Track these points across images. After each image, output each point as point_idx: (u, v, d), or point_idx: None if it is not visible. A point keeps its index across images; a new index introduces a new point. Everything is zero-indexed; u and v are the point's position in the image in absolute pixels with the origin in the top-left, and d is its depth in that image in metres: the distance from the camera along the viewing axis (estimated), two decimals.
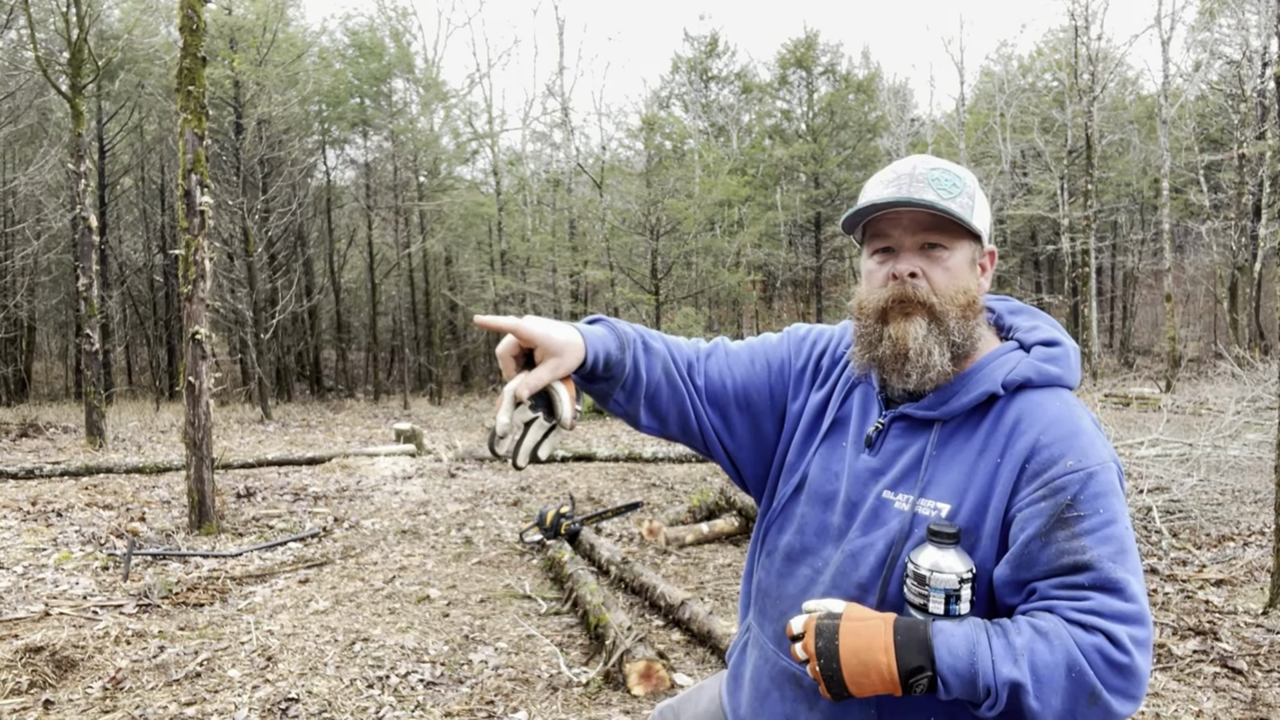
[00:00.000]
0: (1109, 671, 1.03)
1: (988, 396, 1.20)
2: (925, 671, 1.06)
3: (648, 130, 25.47)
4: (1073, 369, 1.24)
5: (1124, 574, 1.07)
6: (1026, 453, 1.14)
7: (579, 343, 1.22)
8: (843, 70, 31.13)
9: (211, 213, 6.29)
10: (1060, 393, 1.21)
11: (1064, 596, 1.08)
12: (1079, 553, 1.07)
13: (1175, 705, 3.16)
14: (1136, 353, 24.92)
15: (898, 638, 1.08)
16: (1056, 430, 1.14)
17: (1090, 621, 1.05)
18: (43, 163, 15.80)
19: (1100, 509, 1.09)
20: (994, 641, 1.07)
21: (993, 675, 1.04)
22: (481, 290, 25.81)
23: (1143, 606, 1.06)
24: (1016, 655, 1.04)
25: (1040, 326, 1.29)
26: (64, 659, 3.55)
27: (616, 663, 3.43)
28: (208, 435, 6.10)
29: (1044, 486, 1.12)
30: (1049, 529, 1.10)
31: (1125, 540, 1.09)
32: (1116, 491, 1.12)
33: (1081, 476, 1.10)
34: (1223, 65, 22.23)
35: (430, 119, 24.32)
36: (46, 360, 25.09)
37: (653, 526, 5.72)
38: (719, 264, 23.92)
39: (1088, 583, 1.07)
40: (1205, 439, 6.99)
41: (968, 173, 1.28)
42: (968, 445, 1.20)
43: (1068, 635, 1.05)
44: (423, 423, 13.99)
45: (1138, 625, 1.05)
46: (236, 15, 18.50)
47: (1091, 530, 1.08)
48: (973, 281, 1.25)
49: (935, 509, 1.17)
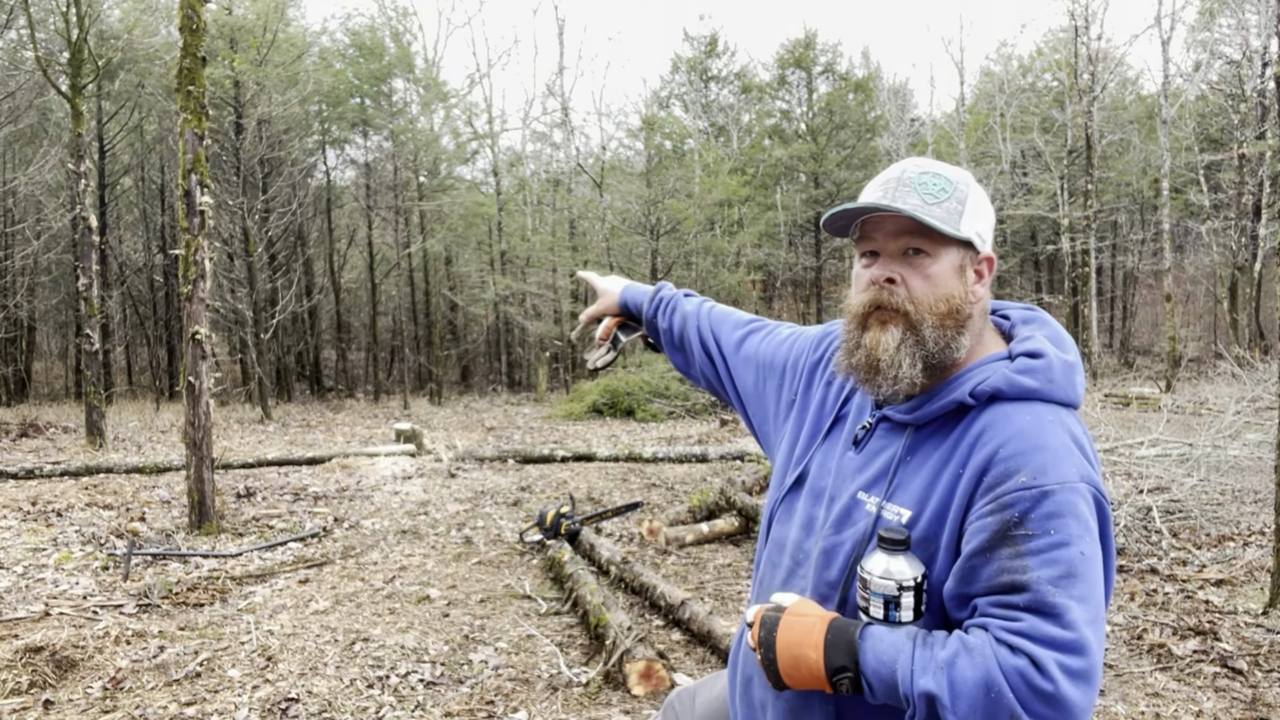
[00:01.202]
0: (1031, 697, 0.99)
1: (957, 405, 1.19)
2: (848, 672, 1.09)
3: (648, 130, 25.47)
4: (1056, 383, 1.17)
5: (1064, 599, 1.02)
6: (984, 465, 1.11)
7: (615, 293, 1.85)
8: (842, 70, 31.13)
9: (211, 213, 6.29)
10: (1035, 406, 1.15)
11: (997, 615, 1.05)
12: (1019, 572, 1.04)
13: (1175, 705, 3.16)
14: (1136, 353, 24.92)
15: (829, 636, 1.12)
16: (1016, 444, 1.10)
17: (1017, 643, 1.02)
18: (43, 163, 15.80)
19: (1052, 530, 1.05)
20: (918, 652, 1.07)
21: (910, 684, 1.05)
22: (481, 290, 25.82)
23: (1081, 635, 1.01)
24: (937, 668, 1.04)
25: (1033, 337, 1.23)
26: (64, 659, 3.55)
27: (616, 663, 3.43)
28: (208, 435, 6.10)
29: (994, 501, 1.09)
30: (993, 545, 1.07)
31: (1075, 565, 1.04)
32: (1077, 514, 1.06)
33: (1034, 494, 1.06)
34: (1223, 65, 22.24)
35: (430, 119, 24.32)
36: (46, 360, 25.09)
37: (653, 526, 5.72)
38: (719, 264, 23.92)
39: (1022, 604, 1.03)
40: (1205, 439, 6.99)
41: (963, 176, 1.25)
42: (936, 453, 1.19)
43: (992, 654, 1.02)
44: (423, 423, 13.99)
45: (1071, 654, 1.00)
46: (236, 15, 18.50)
47: (1037, 551, 1.04)
48: (958, 288, 1.21)
49: (898, 514, 1.18)
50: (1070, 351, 1.22)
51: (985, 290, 1.26)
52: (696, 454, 9.38)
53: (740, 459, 9.22)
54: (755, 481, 7.32)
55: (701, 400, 15.35)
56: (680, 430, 12.70)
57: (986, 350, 1.25)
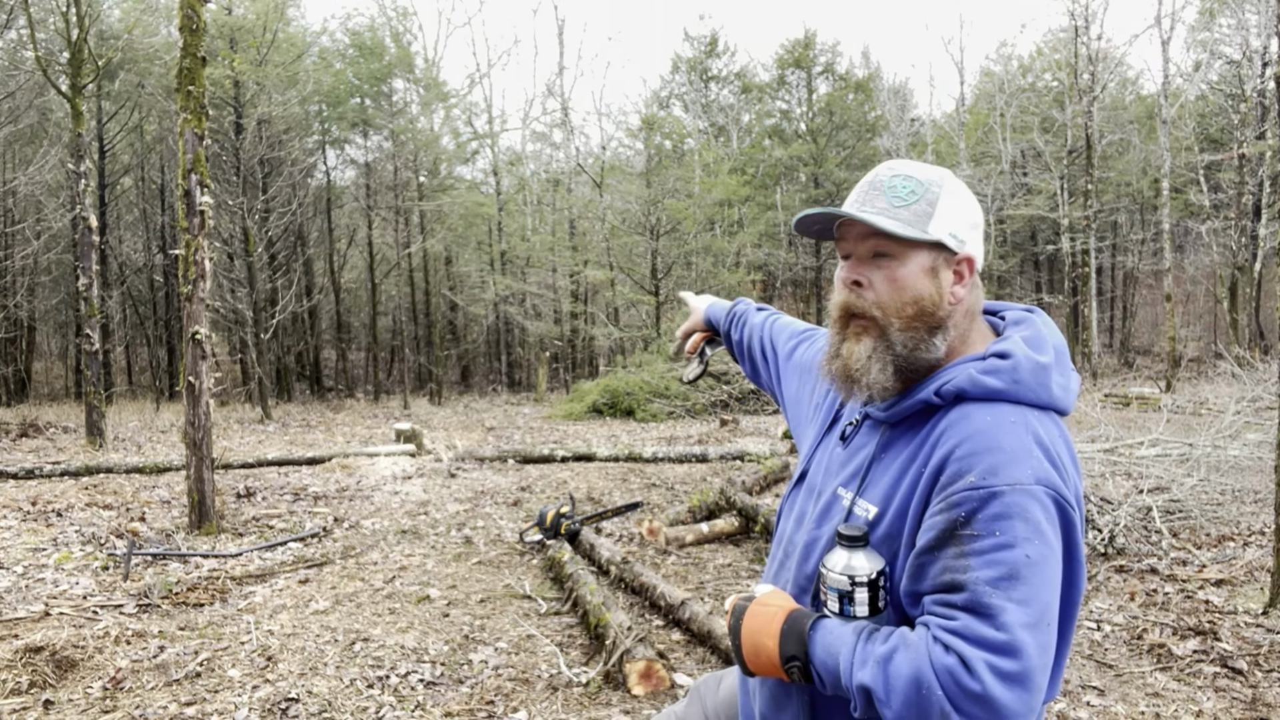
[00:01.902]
0: (960, 695, 0.99)
1: (924, 405, 1.19)
2: (797, 660, 1.14)
3: (648, 130, 25.47)
4: (1022, 384, 1.15)
5: (1000, 601, 1.02)
6: (940, 465, 1.12)
7: (701, 309, 2.05)
8: (841, 70, 31.15)
9: (211, 213, 6.29)
10: (998, 407, 1.14)
11: (937, 613, 1.06)
12: (960, 571, 1.05)
13: (1175, 705, 3.16)
14: (1136, 353, 24.92)
15: (784, 627, 1.17)
16: (971, 445, 1.10)
17: (950, 642, 1.02)
18: (43, 163, 15.80)
19: (998, 531, 1.04)
20: (860, 645, 1.09)
21: (850, 676, 1.08)
22: (481, 290, 25.82)
23: (1015, 638, 1.00)
24: (874, 662, 1.06)
25: (1009, 338, 1.22)
26: (64, 659, 3.55)
27: (616, 663, 3.43)
28: (208, 435, 6.10)
29: (944, 500, 1.09)
30: (939, 544, 1.08)
31: (1018, 567, 1.03)
32: (1026, 517, 1.05)
33: (981, 495, 1.06)
34: (1223, 65, 22.23)
35: (430, 119, 24.32)
36: (46, 360, 25.09)
37: (653, 526, 5.72)
38: (719, 264, 23.92)
39: (960, 603, 1.04)
40: (1205, 439, 6.99)
41: (937, 176, 1.24)
42: (905, 451, 1.20)
43: (925, 651, 1.03)
44: (423, 423, 13.99)
45: (1002, 656, 1.00)
46: (236, 15, 18.50)
47: (980, 552, 1.04)
48: (927, 290, 1.21)
49: (867, 510, 1.20)
50: (1045, 353, 1.20)
51: (967, 291, 1.24)
52: (696, 454, 9.38)
53: (740, 459, 9.22)
54: (755, 481, 7.31)
55: (701, 400, 15.36)
56: (680, 430, 12.70)
57: (970, 350, 1.25)
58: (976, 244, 1.26)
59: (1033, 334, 1.23)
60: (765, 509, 5.77)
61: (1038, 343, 1.21)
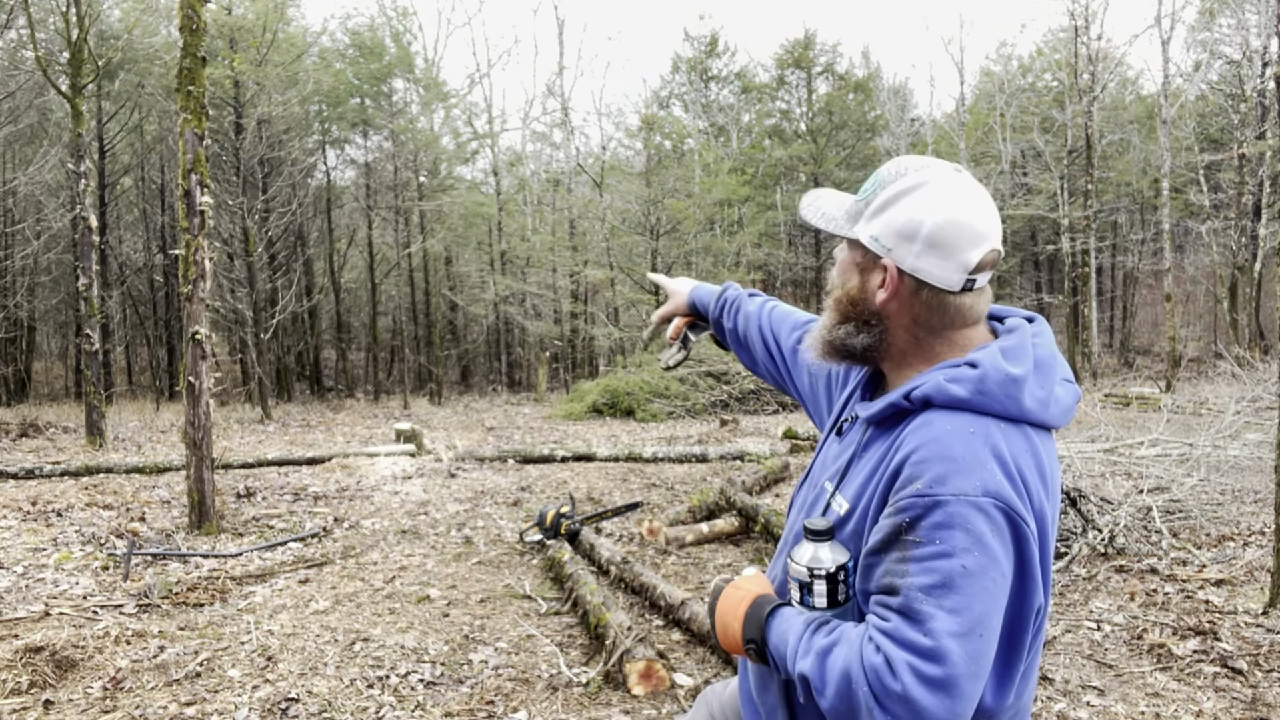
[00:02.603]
0: (883, 694, 1.02)
1: (895, 408, 1.20)
2: (754, 643, 1.21)
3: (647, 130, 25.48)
4: (988, 394, 1.12)
5: (931, 608, 1.03)
6: (897, 469, 1.13)
7: (683, 293, 1.90)
8: (841, 70, 31.15)
9: (211, 213, 6.29)
10: (959, 416, 1.12)
11: (875, 613, 1.09)
12: (899, 576, 1.07)
13: (1175, 705, 3.16)
14: (1136, 353, 24.93)
15: (749, 610, 1.24)
16: (924, 452, 1.10)
17: (880, 642, 1.05)
18: (43, 163, 15.80)
19: (937, 540, 1.05)
20: (805, 636, 1.14)
21: (793, 664, 1.14)
22: (481, 290, 25.82)
23: (940, 645, 1.01)
24: (815, 654, 1.10)
25: (987, 347, 1.19)
26: (64, 659, 3.55)
27: (616, 663, 3.43)
28: (208, 435, 6.10)
29: (893, 505, 1.10)
30: (883, 547, 1.10)
31: (953, 577, 1.03)
32: (966, 527, 1.04)
33: (926, 503, 1.06)
34: (1223, 65, 22.24)
35: (430, 119, 24.33)
36: (46, 360, 25.09)
37: (653, 526, 5.72)
38: (719, 264, 23.93)
39: (895, 605, 1.06)
40: (1205, 439, 7.00)
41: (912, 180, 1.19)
42: (878, 452, 1.21)
43: (858, 648, 1.06)
44: (423, 423, 13.99)
45: (926, 660, 1.01)
46: (236, 15, 18.50)
47: (919, 559, 1.05)
48: (852, 282, 1.25)
49: (841, 505, 1.23)
50: (1020, 365, 1.15)
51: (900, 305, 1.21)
52: (696, 454, 9.38)
53: (740, 459, 9.22)
54: (755, 481, 7.31)
55: (701, 400, 15.35)
56: (680, 430, 12.70)
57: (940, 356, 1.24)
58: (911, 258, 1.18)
59: (1015, 344, 1.19)
60: (765, 509, 5.77)
61: (1016, 354, 1.17)
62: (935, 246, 1.17)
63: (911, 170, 1.20)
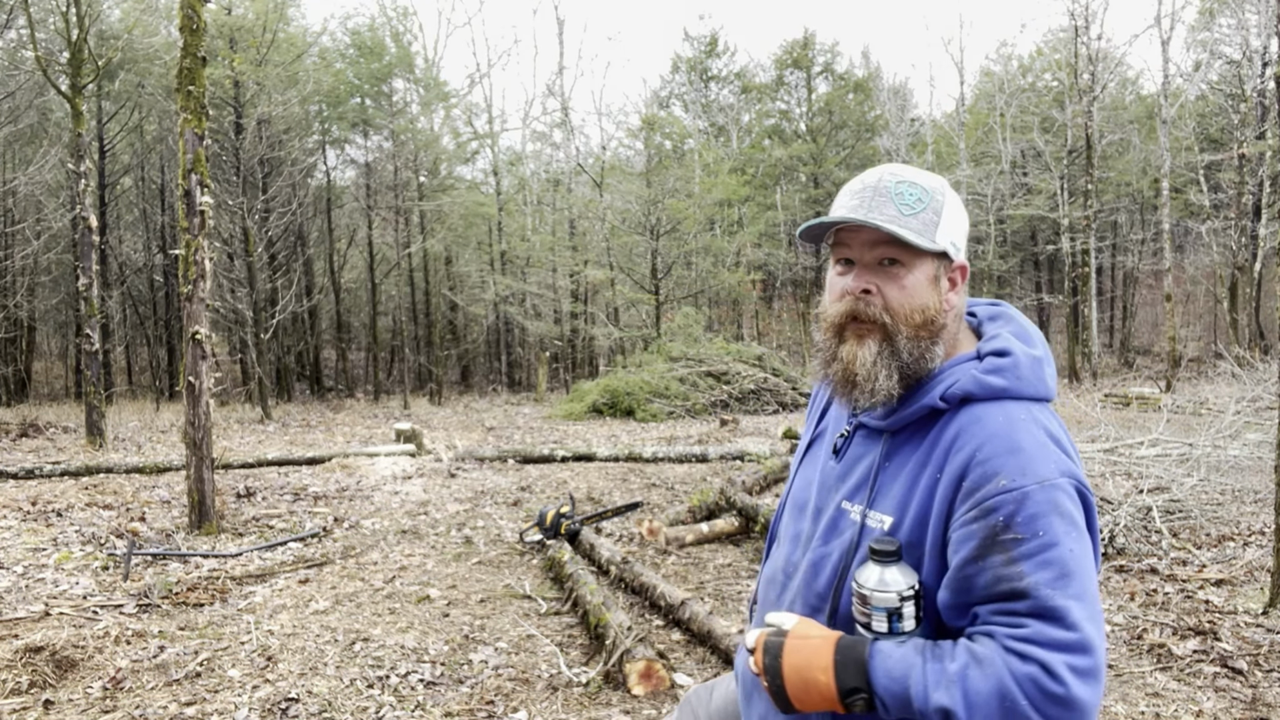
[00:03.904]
0: (1045, 701, 1.00)
1: (930, 410, 1.19)
2: (861, 692, 1.08)
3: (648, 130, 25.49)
4: (1024, 379, 1.17)
5: (1064, 600, 1.03)
6: (962, 470, 1.11)
7: None
8: (841, 70, 31.17)
9: (211, 213, 6.29)
10: (1006, 405, 1.15)
11: (1001, 623, 1.06)
12: (1016, 579, 1.05)
13: (1175, 705, 3.16)
14: (1136, 353, 24.93)
15: (837, 657, 1.11)
16: (992, 447, 1.10)
17: (1026, 650, 1.02)
18: (43, 163, 15.80)
19: (1040, 531, 1.05)
20: (929, 666, 1.06)
21: (925, 700, 1.05)
22: (482, 290, 25.82)
23: (1085, 635, 1.02)
24: (949, 681, 1.04)
25: (999, 335, 1.23)
26: (64, 659, 3.55)
27: (616, 663, 3.43)
28: (208, 435, 6.10)
29: (976, 507, 1.08)
30: (983, 553, 1.07)
31: (1068, 564, 1.04)
32: (1061, 511, 1.07)
33: (1016, 497, 1.06)
34: (1223, 65, 22.23)
35: (430, 119, 24.32)
36: (46, 360, 25.08)
37: (653, 526, 5.72)
38: (719, 264, 23.94)
39: (1025, 610, 1.04)
40: (1205, 439, 6.99)
41: (939, 185, 1.25)
42: (912, 458, 1.19)
43: (1002, 663, 1.02)
44: (423, 423, 13.99)
45: (1079, 654, 1.01)
46: (236, 15, 18.50)
47: (1029, 555, 1.05)
48: (932, 299, 1.22)
49: (880, 522, 1.18)
50: (1037, 346, 1.23)
51: (959, 297, 1.27)
52: (696, 454, 9.38)
53: (740, 459, 9.22)
54: (755, 481, 7.31)
55: (701, 400, 15.35)
56: (680, 430, 12.70)
57: (959, 351, 1.26)
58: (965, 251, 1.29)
59: (1019, 328, 1.26)
60: (765, 509, 5.77)
61: (1028, 337, 1.25)
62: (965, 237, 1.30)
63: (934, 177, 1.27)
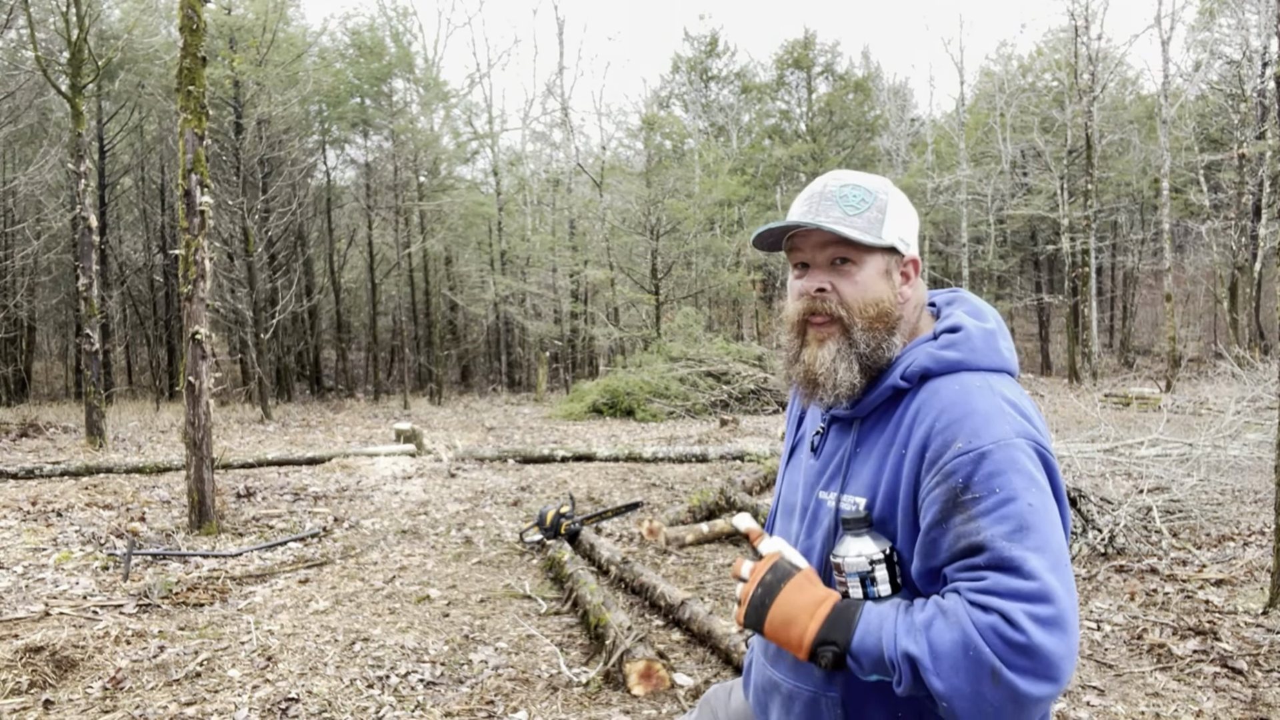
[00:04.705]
0: (1008, 650, 1.01)
1: (893, 390, 1.25)
2: (833, 645, 1.13)
3: (648, 130, 25.49)
4: (978, 351, 1.23)
5: (1021, 551, 1.05)
6: (924, 441, 1.17)
7: None
8: (841, 70, 31.18)
9: (211, 213, 6.29)
10: (961, 376, 1.20)
11: (964, 578, 1.09)
12: (974, 534, 1.08)
13: (1175, 705, 3.16)
14: (1136, 353, 24.92)
15: (832, 614, 1.16)
16: (948, 415, 1.15)
17: (985, 601, 1.04)
18: (43, 163, 15.79)
19: (997, 488, 1.08)
20: (900, 618, 1.11)
21: (894, 647, 1.09)
22: (481, 290, 25.82)
23: (1045, 583, 1.03)
24: (916, 631, 1.08)
25: (953, 314, 1.30)
26: (64, 659, 3.55)
27: (616, 662, 3.43)
28: (208, 435, 6.10)
29: (938, 473, 1.13)
30: (946, 515, 1.11)
31: (1026, 516, 1.07)
32: (1018, 468, 1.10)
33: (973, 457, 1.10)
34: (1223, 65, 22.23)
35: (430, 119, 24.31)
36: (46, 360, 25.08)
37: (653, 526, 5.72)
38: (719, 264, 23.92)
39: (984, 563, 1.07)
40: (1205, 439, 6.99)
41: (882, 184, 1.31)
42: (880, 440, 1.25)
43: (965, 614, 1.05)
44: (423, 423, 13.99)
45: (1038, 603, 1.03)
46: (236, 15, 18.49)
47: (987, 511, 1.08)
48: (886, 292, 1.28)
49: (854, 504, 1.24)
50: (989, 320, 1.29)
51: (914, 290, 1.32)
52: (696, 454, 9.38)
53: (740, 459, 9.22)
54: (755, 481, 7.31)
55: (701, 400, 15.35)
56: (680, 430, 12.70)
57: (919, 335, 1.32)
58: (916, 247, 1.34)
59: (972, 307, 1.33)
60: (765, 509, 5.77)
61: (979, 313, 1.31)
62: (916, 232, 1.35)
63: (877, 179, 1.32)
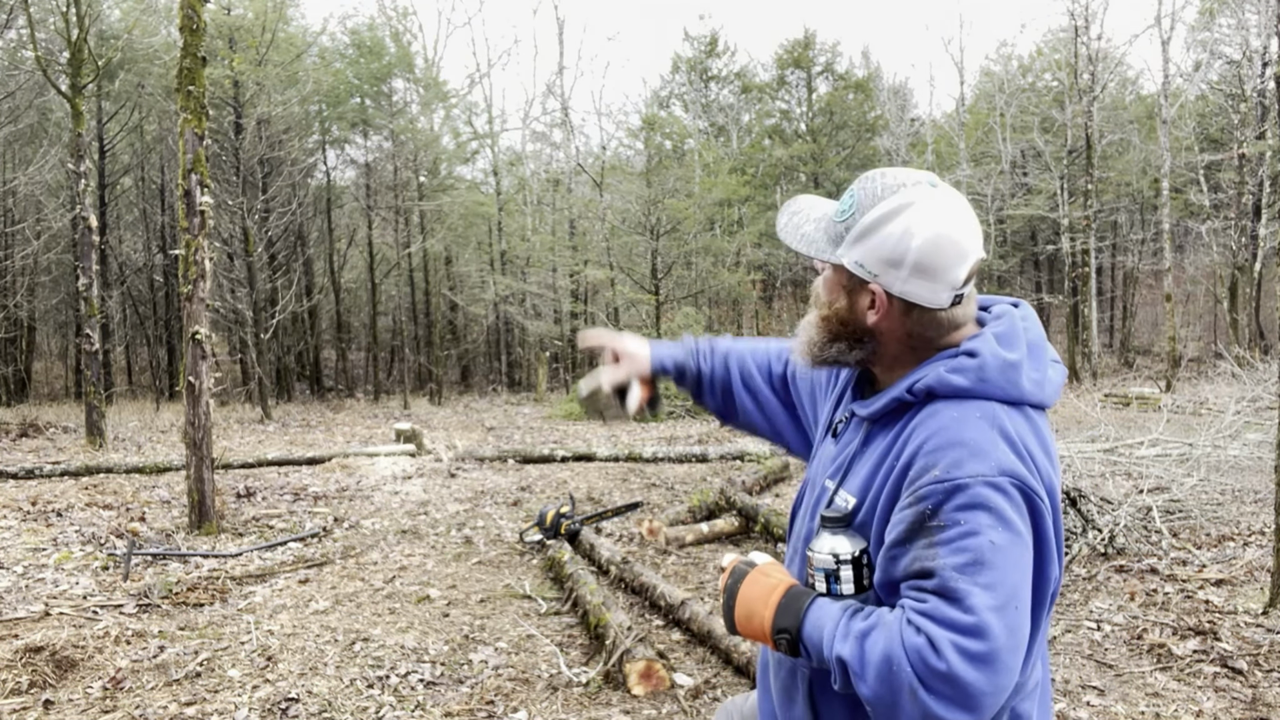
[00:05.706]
0: (927, 674, 1.03)
1: (898, 402, 1.23)
2: (787, 633, 1.17)
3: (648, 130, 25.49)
4: (989, 381, 1.16)
5: (967, 585, 1.05)
6: (909, 460, 1.16)
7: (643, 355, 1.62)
8: (841, 70, 31.17)
9: (211, 213, 6.29)
10: (964, 404, 1.16)
11: (911, 597, 1.10)
12: (929, 559, 1.09)
13: (1175, 705, 3.16)
14: (1136, 353, 24.91)
15: (783, 600, 1.20)
16: (935, 441, 1.14)
17: (920, 623, 1.06)
18: (43, 163, 15.80)
19: (961, 521, 1.08)
20: (842, 621, 1.13)
21: (830, 649, 1.12)
22: (481, 290, 25.81)
23: (982, 620, 1.03)
24: (853, 637, 1.10)
25: (980, 335, 1.22)
26: (64, 659, 3.55)
27: (616, 663, 3.43)
28: (208, 435, 6.10)
29: (912, 495, 1.13)
30: (909, 537, 1.12)
31: (984, 553, 1.06)
32: (989, 507, 1.08)
33: (946, 488, 1.09)
34: (1223, 65, 22.23)
35: (430, 119, 24.31)
36: (46, 360, 25.07)
37: (653, 526, 5.72)
38: (719, 264, 23.91)
39: (930, 588, 1.08)
40: (1205, 439, 7.00)
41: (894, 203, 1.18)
42: (880, 447, 1.24)
43: (898, 631, 1.07)
44: (423, 423, 13.99)
45: (969, 637, 1.03)
46: (236, 15, 18.50)
47: (947, 541, 1.08)
48: (840, 302, 1.25)
49: (846, 500, 1.25)
50: (1016, 350, 1.20)
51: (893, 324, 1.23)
52: (696, 454, 9.37)
53: (740, 459, 9.22)
54: (755, 481, 7.31)
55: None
56: (680, 430, 12.70)
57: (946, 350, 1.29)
58: (899, 284, 1.19)
59: (1006, 330, 1.22)
60: (765, 509, 5.77)
61: (1009, 339, 1.21)
62: (922, 272, 1.18)
63: (889, 191, 1.20)
